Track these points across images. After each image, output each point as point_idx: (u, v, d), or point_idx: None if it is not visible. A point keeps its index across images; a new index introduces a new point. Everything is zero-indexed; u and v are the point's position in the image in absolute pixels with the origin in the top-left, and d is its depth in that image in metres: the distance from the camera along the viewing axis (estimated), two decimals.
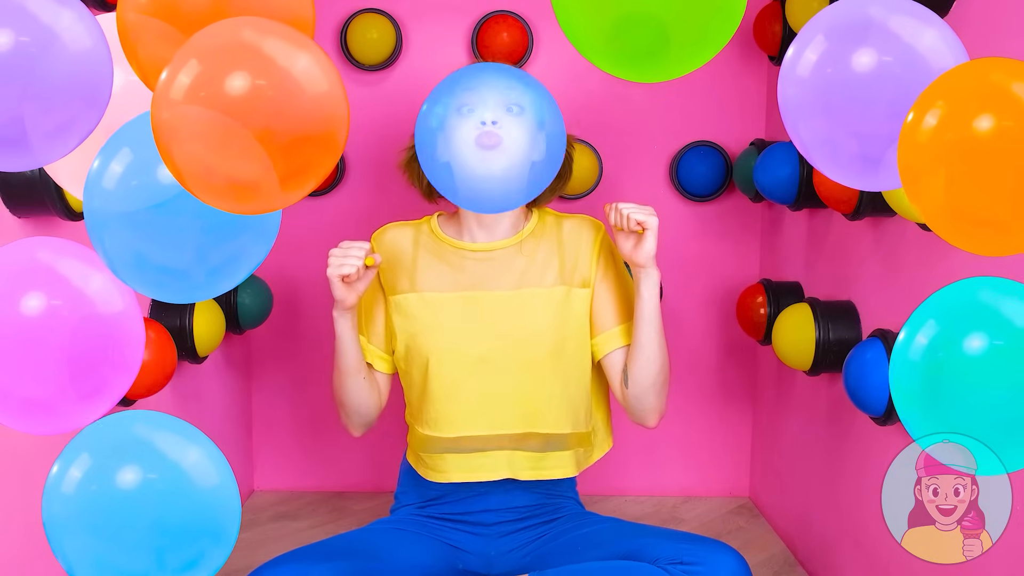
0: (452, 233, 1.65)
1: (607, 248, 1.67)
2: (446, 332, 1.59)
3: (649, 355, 1.57)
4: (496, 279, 1.61)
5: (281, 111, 0.83)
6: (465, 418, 1.60)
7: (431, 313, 1.60)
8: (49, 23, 0.90)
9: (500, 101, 1.33)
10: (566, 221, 1.68)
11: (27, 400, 0.99)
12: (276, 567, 1.43)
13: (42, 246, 1.01)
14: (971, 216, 0.89)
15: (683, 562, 1.41)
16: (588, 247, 1.65)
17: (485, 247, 1.62)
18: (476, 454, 1.61)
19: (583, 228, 1.67)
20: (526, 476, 1.63)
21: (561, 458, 1.65)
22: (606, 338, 1.63)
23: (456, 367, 1.58)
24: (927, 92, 0.89)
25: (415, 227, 1.69)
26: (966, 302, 0.95)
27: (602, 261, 1.65)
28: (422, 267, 1.63)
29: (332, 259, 1.49)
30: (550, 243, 1.64)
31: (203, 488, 0.99)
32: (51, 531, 0.98)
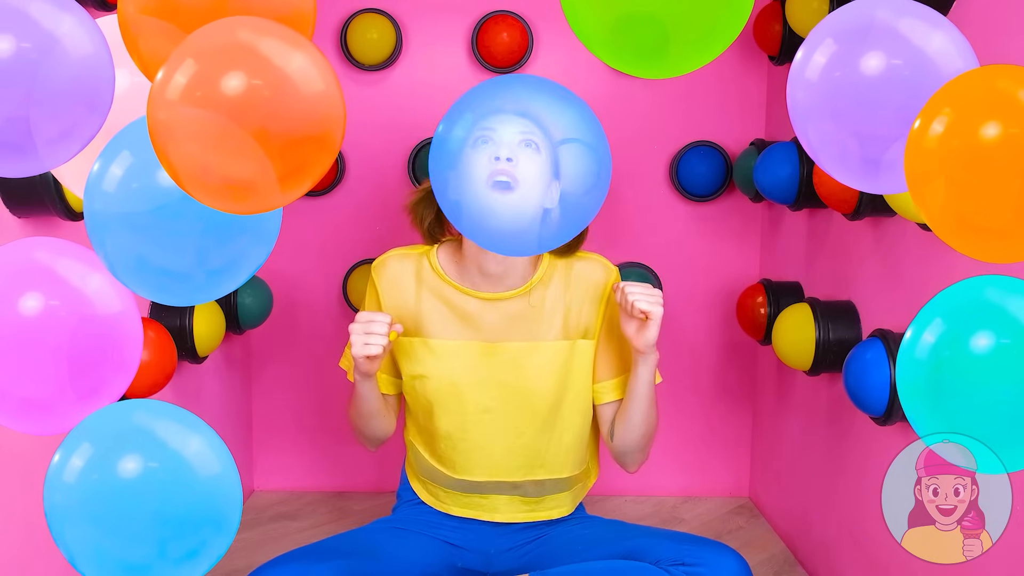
0: (453, 274, 1.58)
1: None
2: (451, 381, 1.56)
3: (636, 424, 1.60)
4: (501, 329, 1.57)
5: (277, 111, 0.83)
6: (465, 463, 1.60)
7: (436, 361, 1.57)
8: (50, 29, 0.90)
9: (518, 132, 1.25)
10: (577, 263, 1.61)
11: (25, 400, 0.99)
12: (276, 567, 1.43)
13: (40, 246, 1.01)
14: (977, 223, 0.89)
15: (684, 563, 1.41)
16: (597, 295, 1.59)
17: (490, 296, 1.56)
18: (475, 496, 1.63)
19: (594, 273, 1.60)
20: (522, 519, 1.64)
21: (559, 499, 1.66)
22: (602, 388, 1.62)
23: (458, 416, 1.57)
24: (934, 99, 0.89)
25: (417, 260, 1.60)
26: (972, 300, 0.95)
27: (609, 310, 1.61)
28: (427, 311, 1.58)
29: (355, 337, 1.44)
30: (557, 290, 1.59)
31: (204, 477, 0.99)
32: (52, 521, 0.98)
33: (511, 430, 1.57)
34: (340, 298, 2.44)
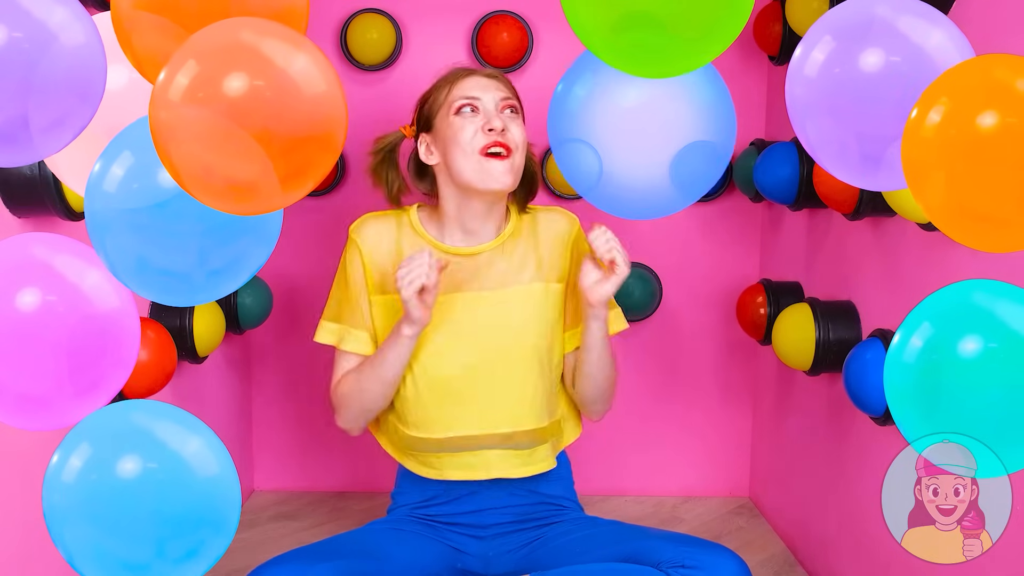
0: (434, 233, 1.65)
1: (581, 242, 1.68)
2: (433, 336, 1.59)
3: (593, 375, 1.63)
4: (478, 280, 1.62)
5: (279, 112, 0.83)
6: (454, 419, 1.60)
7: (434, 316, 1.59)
8: (43, 19, 0.90)
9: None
10: (540, 215, 1.69)
11: (23, 396, 0.99)
12: (274, 567, 1.43)
13: (38, 242, 1.01)
14: (975, 212, 0.89)
15: (685, 565, 1.41)
16: (563, 241, 1.67)
17: (468, 251, 1.62)
18: (467, 453, 1.62)
19: (558, 222, 1.69)
20: (516, 474, 1.64)
21: (543, 451, 1.67)
22: (571, 335, 1.67)
23: (444, 370, 1.59)
24: (931, 88, 0.89)
25: (396, 220, 1.66)
26: (960, 305, 0.95)
27: (575, 255, 1.67)
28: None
29: (402, 280, 1.46)
30: (527, 240, 1.66)
31: (203, 477, 0.99)
32: (51, 521, 0.98)
33: (496, 381, 1.60)
34: None
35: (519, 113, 1.60)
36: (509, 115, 1.58)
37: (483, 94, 1.58)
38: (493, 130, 1.54)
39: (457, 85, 1.59)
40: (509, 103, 1.59)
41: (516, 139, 1.56)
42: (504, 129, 1.55)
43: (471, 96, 1.57)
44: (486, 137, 1.54)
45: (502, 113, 1.57)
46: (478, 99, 1.57)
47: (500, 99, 1.58)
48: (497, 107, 1.57)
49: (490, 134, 1.54)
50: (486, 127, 1.54)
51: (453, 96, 1.58)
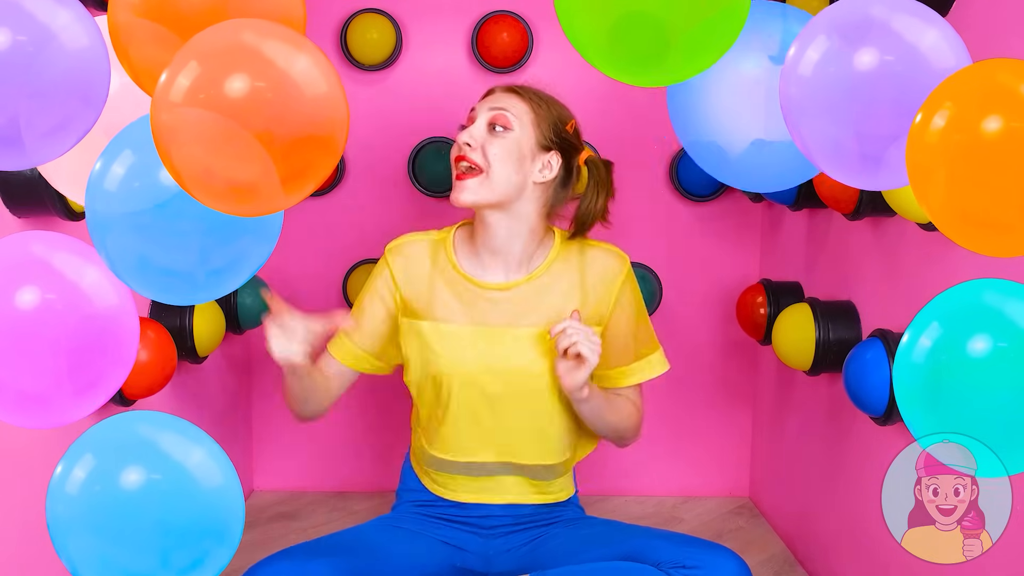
0: (469, 265, 1.62)
1: (630, 286, 1.65)
2: (465, 365, 1.58)
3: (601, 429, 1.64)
4: (512, 315, 1.60)
5: (281, 113, 0.83)
6: (478, 446, 1.61)
7: (449, 344, 1.59)
8: (46, 22, 0.90)
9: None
10: (590, 251, 1.64)
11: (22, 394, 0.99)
12: (274, 563, 1.43)
13: (37, 240, 1.01)
14: (979, 217, 0.89)
15: (685, 566, 1.41)
16: (609, 283, 1.63)
17: (501, 286, 1.60)
18: (485, 478, 1.63)
19: (607, 262, 1.64)
20: (531, 500, 1.65)
21: (563, 482, 1.69)
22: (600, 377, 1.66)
23: (473, 399, 1.59)
24: (935, 93, 0.89)
25: (433, 245, 1.65)
26: (970, 304, 0.95)
27: (623, 298, 1.64)
28: (439, 296, 1.61)
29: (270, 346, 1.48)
30: (571, 275, 1.62)
31: (207, 488, 0.99)
32: (55, 532, 0.98)
33: (524, 414, 1.59)
34: (340, 298, 2.44)
35: (509, 130, 1.56)
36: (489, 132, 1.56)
37: (480, 107, 1.59)
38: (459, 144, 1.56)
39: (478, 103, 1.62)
40: (499, 116, 1.56)
41: (488, 156, 1.54)
42: (470, 144, 1.55)
43: (472, 110, 1.60)
44: (455, 149, 1.57)
45: (485, 128, 1.56)
46: (474, 112, 1.59)
47: (490, 110, 1.57)
48: (484, 122, 1.56)
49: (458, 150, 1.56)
50: (460, 141, 1.56)
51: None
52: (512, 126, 1.57)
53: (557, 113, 1.62)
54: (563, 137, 1.61)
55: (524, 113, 1.58)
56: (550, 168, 1.59)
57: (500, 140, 1.56)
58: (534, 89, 1.63)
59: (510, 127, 1.56)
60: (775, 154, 1.14)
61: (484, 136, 1.56)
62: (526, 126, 1.57)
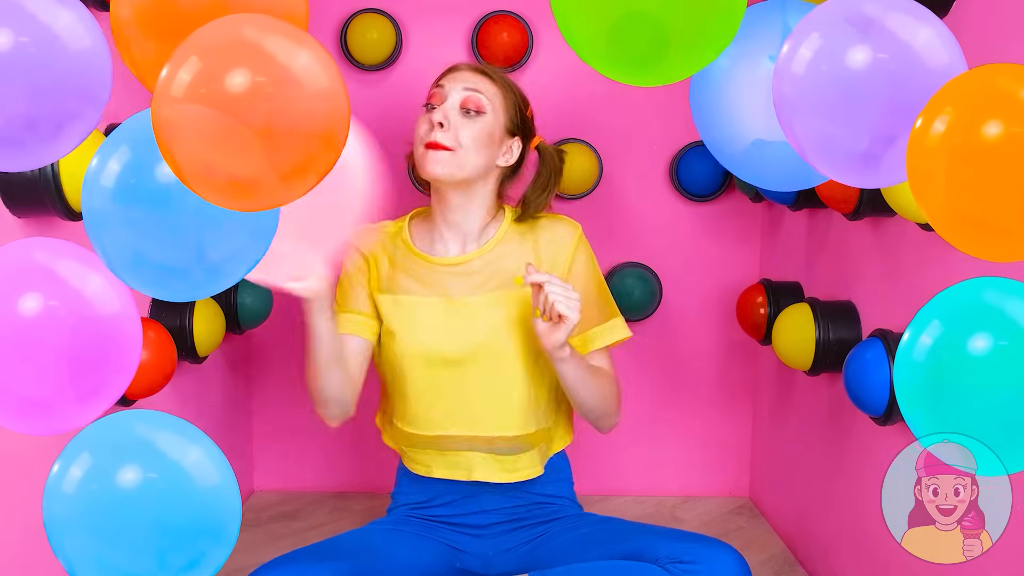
0: (424, 243, 1.66)
1: (583, 251, 1.66)
2: (420, 335, 1.59)
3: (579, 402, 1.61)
4: (468, 285, 1.62)
5: (282, 108, 0.83)
6: (442, 418, 1.61)
7: (405, 315, 1.61)
8: (48, 23, 0.90)
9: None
10: (541, 221, 1.67)
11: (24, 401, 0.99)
12: (274, 569, 1.43)
13: (40, 247, 1.01)
14: (979, 221, 0.89)
15: (683, 561, 1.41)
16: (562, 249, 1.65)
17: (455, 260, 1.63)
18: (452, 453, 1.63)
19: (558, 229, 1.67)
20: (499, 479, 1.64)
21: (529, 458, 1.66)
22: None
23: (431, 369, 1.59)
24: (936, 98, 0.89)
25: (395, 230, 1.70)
26: (971, 302, 0.95)
27: (577, 264, 1.65)
28: (398, 274, 1.65)
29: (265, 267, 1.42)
30: (524, 245, 1.65)
31: (204, 488, 0.99)
32: (52, 531, 0.98)
33: (483, 383, 1.60)
34: None
35: (482, 113, 1.58)
36: (462, 115, 1.57)
37: (449, 84, 1.60)
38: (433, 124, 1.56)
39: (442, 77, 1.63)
40: (473, 99, 1.57)
41: (461, 139, 1.56)
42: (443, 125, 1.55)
43: (438, 84, 1.61)
44: (428, 132, 1.57)
45: (457, 111, 1.57)
46: (442, 87, 1.60)
47: (463, 90, 1.58)
48: (462, 103, 1.57)
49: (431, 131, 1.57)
50: (431, 122, 1.57)
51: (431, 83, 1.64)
52: (485, 109, 1.58)
53: (520, 97, 1.65)
54: (524, 122, 1.64)
55: (495, 96, 1.60)
56: (511, 153, 1.63)
57: (474, 124, 1.57)
58: (499, 70, 1.65)
59: (483, 111, 1.58)
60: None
61: (457, 118, 1.57)
62: (497, 110, 1.59)
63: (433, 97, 1.60)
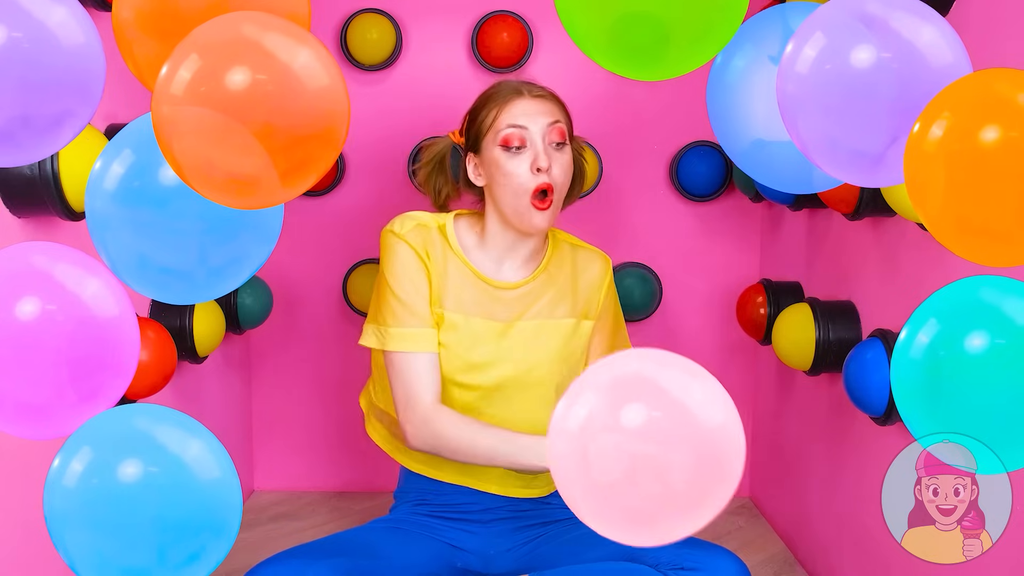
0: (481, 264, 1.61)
1: (612, 289, 1.72)
2: (474, 355, 1.59)
3: None
4: (517, 310, 1.62)
5: (282, 106, 0.83)
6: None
7: (463, 335, 1.59)
8: (42, 18, 0.90)
9: None
10: (580, 252, 1.70)
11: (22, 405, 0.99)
12: (274, 564, 1.43)
13: (37, 251, 1.01)
14: (976, 226, 0.89)
15: (684, 567, 1.41)
16: (597, 284, 1.68)
17: (513, 285, 1.61)
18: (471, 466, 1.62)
19: (595, 263, 1.70)
20: (514, 494, 1.66)
21: (545, 477, 1.67)
22: None
23: (464, 392, 1.60)
24: (934, 102, 0.89)
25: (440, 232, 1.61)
26: (968, 301, 0.95)
27: (607, 301, 1.70)
28: (451, 285, 1.59)
29: None
30: (565, 274, 1.67)
31: (204, 481, 0.99)
32: (53, 525, 0.98)
33: (517, 407, 1.60)
34: (340, 298, 2.44)
35: (567, 143, 1.56)
36: (555, 148, 1.53)
37: (530, 123, 1.52)
38: (541, 170, 1.51)
39: (505, 110, 1.54)
40: (558, 130, 1.54)
41: (559, 179, 1.53)
42: (549, 167, 1.51)
43: (518, 125, 1.52)
44: (534, 178, 1.51)
45: (549, 147, 1.53)
46: (525, 129, 1.52)
47: (547, 127, 1.53)
48: (544, 138, 1.52)
49: (538, 175, 1.51)
50: (534, 166, 1.51)
51: (500, 123, 1.54)
52: (566, 139, 1.56)
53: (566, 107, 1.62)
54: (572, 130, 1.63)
55: (565, 120, 1.58)
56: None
57: (562, 156, 1.55)
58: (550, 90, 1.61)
59: (566, 141, 1.56)
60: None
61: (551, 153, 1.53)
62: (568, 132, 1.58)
63: (514, 139, 1.52)
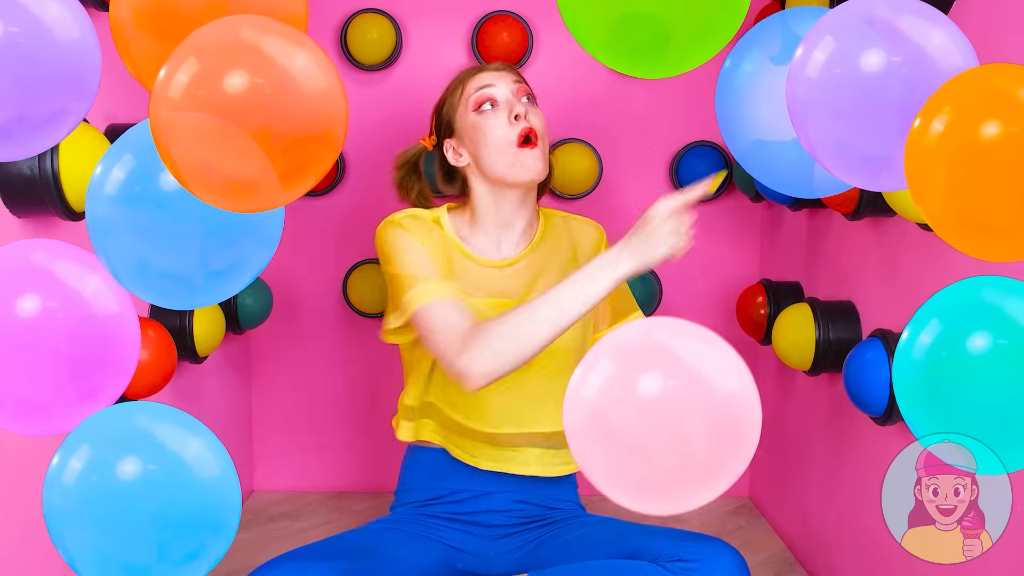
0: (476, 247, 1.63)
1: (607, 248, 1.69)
2: None
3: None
4: (517, 287, 1.62)
5: (280, 109, 0.83)
6: (499, 417, 1.61)
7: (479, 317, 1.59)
8: (37, 13, 0.90)
9: None
10: (573, 222, 1.72)
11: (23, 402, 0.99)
12: (275, 567, 1.43)
13: (38, 248, 1.01)
14: (977, 222, 0.89)
15: (682, 559, 1.41)
16: (595, 248, 1.70)
17: (511, 260, 1.63)
18: (508, 449, 1.62)
19: (592, 230, 1.73)
20: (556, 472, 1.65)
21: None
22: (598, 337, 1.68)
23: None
24: (934, 98, 0.89)
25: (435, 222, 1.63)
26: (970, 301, 0.95)
27: None
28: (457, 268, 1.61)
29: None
30: (563, 243, 1.68)
31: (204, 479, 0.99)
32: (52, 523, 0.98)
33: (542, 380, 1.60)
34: (340, 298, 2.44)
35: (535, 100, 1.62)
36: (527, 102, 1.60)
37: (498, 82, 1.60)
38: (519, 116, 1.56)
39: (470, 81, 1.62)
40: (524, 89, 1.61)
41: (538, 126, 1.58)
42: (526, 114, 1.57)
43: (486, 85, 1.59)
44: (514, 126, 1.56)
45: (519, 101, 1.59)
46: (494, 86, 1.59)
47: (513, 83, 1.60)
48: (514, 94, 1.59)
49: (516, 122, 1.56)
50: (511, 115, 1.56)
51: (468, 91, 1.61)
52: (533, 97, 1.63)
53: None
54: None
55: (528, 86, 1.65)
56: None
57: (536, 110, 1.60)
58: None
59: (533, 97, 1.63)
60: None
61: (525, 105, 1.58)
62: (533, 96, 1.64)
63: (485, 99, 1.58)
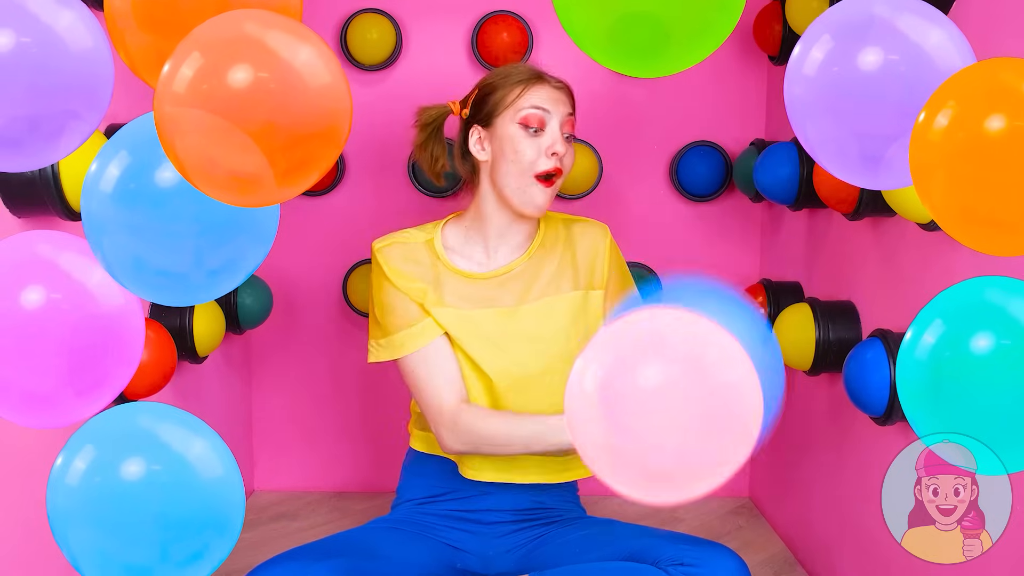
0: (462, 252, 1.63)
1: (616, 252, 1.70)
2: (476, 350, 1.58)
3: None
4: (514, 295, 1.62)
5: (284, 104, 0.83)
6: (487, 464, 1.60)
7: (471, 330, 1.59)
8: (50, 23, 0.90)
9: None
10: (574, 225, 1.69)
11: (27, 393, 0.99)
12: (274, 566, 1.43)
13: (43, 240, 1.01)
14: (981, 216, 0.89)
15: (683, 563, 1.41)
16: (599, 250, 1.67)
17: (504, 269, 1.62)
18: (509, 458, 1.62)
19: (592, 232, 1.69)
20: (554, 479, 1.64)
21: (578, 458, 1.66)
22: None
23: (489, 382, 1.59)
24: (938, 92, 0.89)
25: (426, 243, 1.63)
26: (973, 301, 0.95)
27: (613, 266, 1.68)
28: (446, 284, 1.61)
29: None
30: (561, 248, 1.66)
31: (207, 480, 0.99)
32: (55, 523, 0.98)
33: (542, 392, 1.59)
34: (340, 298, 2.44)
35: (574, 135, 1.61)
36: (567, 140, 1.58)
37: (553, 109, 1.56)
38: (556, 155, 1.54)
39: (531, 91, 1.56)
40: (572, 122, 1.59)
41: (567, 168, 1.58)
42: (564, 155, 1.56)
43: (542, 108, 1.55)
44: (547, 161, 1.54)
45: (564, 136, 1.57)
46: (548, 113, 1.56)
47: (566, 116, 1.58)
48: (562, 127, 1.56)
49: (552, 159, 1.54)
50: (549, 151, 1.54)
51: (523, 103, 1.56)
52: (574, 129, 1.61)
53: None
54: None
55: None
56: None
57: (571, 148, 1.59)
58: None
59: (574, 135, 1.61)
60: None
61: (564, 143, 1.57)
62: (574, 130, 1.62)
63: (534, 119, 1.55)
